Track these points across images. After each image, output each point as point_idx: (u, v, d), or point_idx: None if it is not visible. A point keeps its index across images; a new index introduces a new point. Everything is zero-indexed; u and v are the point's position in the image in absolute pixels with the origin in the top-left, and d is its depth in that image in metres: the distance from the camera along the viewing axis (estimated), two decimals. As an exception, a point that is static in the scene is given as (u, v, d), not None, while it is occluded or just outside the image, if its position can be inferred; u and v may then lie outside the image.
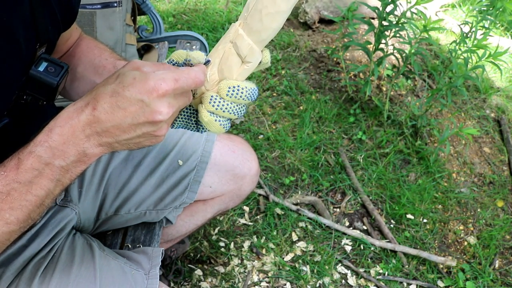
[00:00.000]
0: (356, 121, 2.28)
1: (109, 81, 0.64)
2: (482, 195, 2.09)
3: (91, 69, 0.93)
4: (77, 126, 0.64)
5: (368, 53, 2.16)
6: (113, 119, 0.63)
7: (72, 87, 0.95)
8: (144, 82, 0.61)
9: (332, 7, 2.79)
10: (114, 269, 0.91)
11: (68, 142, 0.64)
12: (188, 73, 0.64)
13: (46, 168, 0.64)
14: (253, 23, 0.69)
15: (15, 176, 0.64)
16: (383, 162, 2.12)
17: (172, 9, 2.88)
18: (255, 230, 1.83)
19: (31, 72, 0.74)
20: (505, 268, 1.84)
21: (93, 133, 0.64)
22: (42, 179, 0.65)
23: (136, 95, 0.61)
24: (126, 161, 1.08)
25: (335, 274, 1.74)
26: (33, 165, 0.64)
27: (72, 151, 0.65)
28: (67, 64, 0.79)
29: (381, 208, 1.98)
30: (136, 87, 0.61)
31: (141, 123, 0.63)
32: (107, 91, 0.63)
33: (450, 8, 3.22)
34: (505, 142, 2.32)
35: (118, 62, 0.92)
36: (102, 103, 0.63)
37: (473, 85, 2.57)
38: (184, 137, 1.14)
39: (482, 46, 1.87)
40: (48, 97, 0.78)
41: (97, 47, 0.97)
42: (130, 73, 0.63)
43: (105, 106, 0.62)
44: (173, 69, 0.65)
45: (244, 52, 0.70)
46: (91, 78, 0.92)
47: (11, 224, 0.65)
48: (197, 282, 1.66)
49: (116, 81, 0.63)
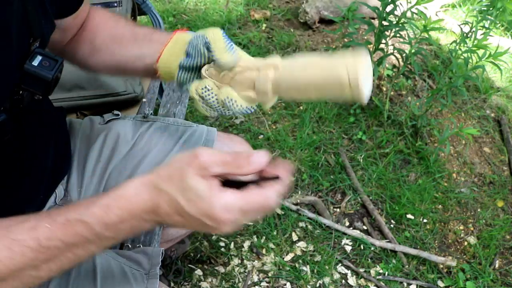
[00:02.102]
0: (356, 121, 2.28)
1: (173, 175, 0.60)
2: (482, 195, 2.09)
3: (109, 39, 0.94)
4: (137, 212, 0.61)
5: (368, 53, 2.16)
6: (174, 220, 0.61)
7: (92, 59, 0.96)
8: (209, 209, 0.58)
9: (332, 7, 2.79)
10: (114, 269, 0.91)
11: (125, 221, 0.62)
12: (259, 204, 0.59)
13: (96, 237, 0.62)
14: (283, 85, 0.71)
15: (62, 236, 0.61)
16: (383, 162, 2.12)
17: (172, 9, 2.88)
18: (255, 230, 1.83)
19: (25, 67, 0.74)
20: (505, 268, 1.84)
21: (152, 220, 0.62)
22: (88, 245, 0.63)
23: (198, 215, 0.59)
24: (126, 160, 1.08)
25: (335, 274, 1.74)
26: (83, 233, 0.62)
27: (127, 228, 0.63)
28: (61, 58, 0.79)
29: (381, 208, 1.98)
30: (200, 208, 0.58)
31: (201, 229, 0.63)
32: (169, 194, 0.60)
33: (450, 8, 3.22)
34: (505, 142, 2.32)
35: (136, 29, 0.93)
36: (163, 203, 0.60)
37: (473, 85, 2.57)
38: (184, 137, 1.13)
39: (482, 46, 1.87)
40: (44, 92, 0.78)
41: (111, 18, 0.98)
42: (195, 186, 0.58)
43: (166, 210, 0.61)
44: (244, 196, 0.59)
45: (260, 88, 0.73)
46: (110, 47, 0.93)
47: (42, 272, 0.64)
48: (197, 282, 1.66)
49: (180, 183, 0.59)
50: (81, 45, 0.96)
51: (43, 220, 0.62)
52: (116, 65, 0.95)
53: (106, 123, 1.15)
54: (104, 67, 0.97)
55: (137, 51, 0.91)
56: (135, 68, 0.93)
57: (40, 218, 0.63)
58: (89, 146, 1.09)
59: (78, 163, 1.07)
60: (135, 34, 0.92)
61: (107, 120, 1.15)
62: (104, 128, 1.12)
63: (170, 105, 1.55)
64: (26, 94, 0.77)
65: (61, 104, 1.36)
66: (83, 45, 0.96)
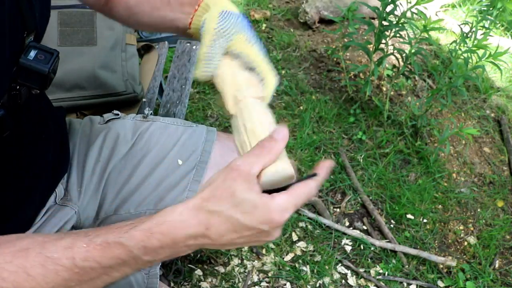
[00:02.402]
0: (356, 121, 2.28)
1: (220, 195, 0.59)
2: (482, 195, 2.09)
3: (143, 2, 0.93)
4: (181, 238, 0.60)
5: (368, 53, 2.16)
6: (225, 240, 0.60)
7: (131, 21, 0.97)
8: (267, 215, 0.58)
9: (332, 7, 2.80)
10: (114, 268, 0.90)
11: (165, 248, 0.61)
12: (306, 194, 0.61)
13: (133, 260, 0.61)
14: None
15: (98, 257, 0.60)
16: (383, 162, 2.12)
17: (172, 9, 2.88)
18: (255, 230, 1.83)
19: (21, 61, 0.74)
20: (505, 268, 1.84)
21: (196, 245, 0.61)
22: (124, 267, 0.62)
23: (256, 224, 0.58)
24: (126, 160, 1.08)
25: (335, 274, 1.74)
26: (121, 255, 0.60)
27: (166, 253, 0.61)
28: (57, 51, 0.79)
29: (381, 208, 1.98)
30: (258, 217, 0.58)
31: (253, 241, 0.62)
32: (223, 213, 0.58)
33: (450, 8, 3.22)
34: (505, 142, 2.32)
35: None
36: (217, 226, 0.59)
37: (473, 85, 2.57)
38: (184, 136, 1.13)
39: (482, 46, 1.87)
40: (41, 85, 0.78)
41: None
42: (249, 198, 0.58)
43: (219, 230, 0.59)
44: (292, 192, 0.60)
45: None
46: (146, 11, 0.93)
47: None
48: (197, 282, 1.66)
49: (231, 200, 0.59)
50: (118, 8, 0.96)
51: (80, 240, 0.61)
52: (155, 25, 0.96)
53: (106, 122, 1.15)
54: (144, 27, 1.11)
55: (171, 14, 0.90)
56: (173, 29, 0.93)
57: (76, 237, 0.62)
58: (89, 145, 1.09)
59: (78, 163, 1.07)
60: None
61: (107, 120, 1.15)
62: (104, 128, 1.12)
63: (170, 105, 1.55)
64: (23, 89, 0.77)
65: (61, 104, 1.36)
66: (119, 7, 0.96)
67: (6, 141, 0.77)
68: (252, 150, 0.61)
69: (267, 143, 0.61)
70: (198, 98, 2.30)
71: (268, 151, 0.60)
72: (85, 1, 1.00)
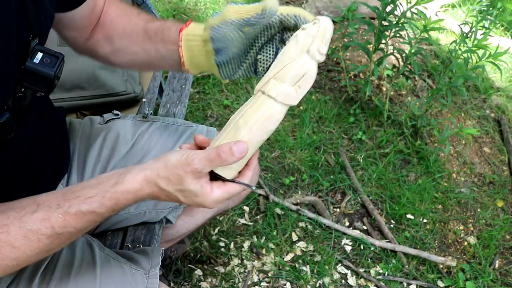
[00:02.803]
0: (356, 121, 2.28)
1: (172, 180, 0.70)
2: (482, 195, 2.09)
3: (125, 38, 0.93)
4: (140, 199, 0.73)
5: (368, 53, 2.16)
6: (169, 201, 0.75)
7: (115, 57, 0.96)
8: (203, 203, 0.72)
9: (332, 7, 2.80)
10: (114, 268, 0.91)
11: (129, 202, 0.72)
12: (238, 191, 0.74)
13: (103, 218, 0.73)
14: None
15: (75, 223, 0.71)
16: (383, 162, 2.12)
17: (172, 9, 2.88)
18: (255, 230, 1.83)
19: (27, 64, 0.74)
20: (505, 268, 1.84)
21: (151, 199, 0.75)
22: (95, 224, 0.73)
23: (193, 204, 0.74)
24: (126, 160, 1.08)
25: (335, 274, 1.74)
26: (94, 219, 0.72)
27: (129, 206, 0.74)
28: (62, 54, 0.78)
29: (381, 208, 1.98)
30: (195, 202, 0.72)
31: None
32: (169, 193, 0.72)
33: (450, 8, 3.22)
34: (505, 142, 2.32)
35: (148, 26, 0.91)
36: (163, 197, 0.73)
37: (473, 85, 2.57)
38: (184, 136, 1.14)
39: (482, 46, 1.87)
40: (46, 89, 0.78)
41: (125, 13, 0.96)
42: (193, 189, 0.70)
43: (165, 199, 0.73)
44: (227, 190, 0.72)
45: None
46: (129, 47, 0.93)
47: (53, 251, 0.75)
48: (197, 282, 1.66)
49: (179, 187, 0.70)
50: (101, 44, 0.96)
51: (54, 211, 0.70)
52: (140, 64, 0.96)
53: (106, 122, 1.15)
54: (130, 66, 1.00)
55: (155, 51, 0.90)
56: (163, 66, 0.94)
57: (49, 209, 0.70)
58: (89, 145, 1.09)
59: (78, 163, 1.07)
60: (147, 32, 0.91)
61: (107, 120, 1.15)
62: (104, 128, 1.12)
63: (170, 105, 1.55)
64: (28, 92, 0.77)
65: (61, 104, 1.36)
66: (103, 44, 0.95)
67: (10, 142, 0.78)
68: (211, 152, 0.68)
69: (224, 154, 0.68)
70: (198, 98, 2.30)
71: (221, 161, 0.68)
72: (67, 39, 0.97)
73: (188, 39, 0.84)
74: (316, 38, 0.70)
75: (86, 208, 0.70)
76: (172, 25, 0.88)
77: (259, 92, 0.72)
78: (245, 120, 0.71)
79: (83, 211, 0.70)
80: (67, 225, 0.70)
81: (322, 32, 0.70)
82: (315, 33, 0.70)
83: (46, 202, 0.71)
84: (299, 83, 0.71)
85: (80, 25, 0.93)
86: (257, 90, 0.72)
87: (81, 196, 0.71)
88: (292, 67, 0.70)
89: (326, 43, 0.71)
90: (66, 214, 0.70)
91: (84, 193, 0.71)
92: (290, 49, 0.71)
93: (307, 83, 0.72)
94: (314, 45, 0.70)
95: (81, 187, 0.72)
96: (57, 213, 0.70)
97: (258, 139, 0.72)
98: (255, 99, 0.72)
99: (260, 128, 0.71)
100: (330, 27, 0.70)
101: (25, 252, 0.69)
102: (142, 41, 0.91)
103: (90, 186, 0.72)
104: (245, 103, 0.74)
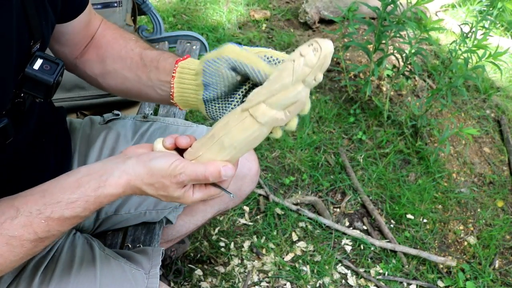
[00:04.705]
0: (356, 121, 2.28)
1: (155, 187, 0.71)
2: (482, 195, 2.09)
3: (119, 61, 0.92)
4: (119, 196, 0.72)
5: (368, 53, 2.16)
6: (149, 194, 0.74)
7: (104, 80, 0.94)
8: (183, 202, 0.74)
9: (332, 7, 2.80)
10: (115, 268, 0.91)
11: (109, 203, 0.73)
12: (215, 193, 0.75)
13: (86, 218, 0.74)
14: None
15: (58, 227, 0.71)
16: (383, 162, 2.12)
17: (172, 9, 2.88)
18: (255, 230, 1.84)
19: (26, 70, 0.74)
20: (505, 268, 1.84)
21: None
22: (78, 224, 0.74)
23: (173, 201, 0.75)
24: (126, 160, 1.08)
25: (335, 274, 1.74)
26: (78, 221, 0.72)
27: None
28: (62, 61, 0.78)
29: (381, 208, 1.98)
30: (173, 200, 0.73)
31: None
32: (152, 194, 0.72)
33: (450, 8, 3.22)
34: (505, 142, 2.32)
35: (144, 53, 0.90)
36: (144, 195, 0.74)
37: (473, 85, 2.57)
38: (184, 137, 1.13)
39: (482, 46, 1.87)
40: (45, 95, 0.77)
41: (122, 37, 0.95)
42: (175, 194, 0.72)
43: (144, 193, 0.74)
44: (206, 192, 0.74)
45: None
46: (121, 71, 0.91)
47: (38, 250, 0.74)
48: (197, 282, 1.66)
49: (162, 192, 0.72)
50: (92, 63, 0.94)
51: (36, 217, 0.69)
52: (127, 91, 0.94)
53: (106, 123, 1.15)
54: (117, 91, 0.96)
55: (146, 79, 0.89)
56: (150, 97, 0.91)
57: (30, 215, 0.69)
58: (89, 146, 1.09)
59: (79, 163, 1.07)
60: (143, 59, 0.89)
61: (107, 120, 1.15)
62: (104, 128, 1.12)
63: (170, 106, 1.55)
64: (27, 97, 0.77)
65: (61, 104, 1.36)
66: (94, 63, 0.94)
67: (9, 146, 0.78)
68: (199, 173, 0.69)
69: (212, 177, 0.70)
70: (198, 98, 2.30)
71: (206, 181, 0.70)
72: (57, 54, 0.95)
73: (182, 71, 0.83)
74: (315, 69, 0.64)
75: (69, 214, 0.70)
76: (170, 56, 0.88)
77: (247, 113, 0.68)
78: (231, 139, 0.70)
79: (66, 216, 0.70)
80: (50, 230, 0.70)
81: (322, 62, 0.64)
82: (314, 63, 0.64)
83: (25, 207, 0.69)
84: (290, 108, 0.68)
85: (71, 41, 0.93)
86: (244, 109, 0.69)
87: (62, 201, 0.69)
88: (286, 96, 0.66)
89: (324, 70, 0.66)
90: (48, 220, 0.69)
91: (65, 197, 0.69)
92: (284, 77, 0.65)
93: (298, 109, 0.69)
94: (311, 75, 0.65)
95: (60, 189, 0.71)
96: (39, 219, 0.69)
97: (241, 154, 0.73)
98: (242, 118, 0.69)
99: (246, 147, 0.71)
100: (331, 54, 0.65)
101: (8, 258, 0.69)
102: (135, 67, 0.89)
103: (71, 188, 0.70)
104: (230, 118, 0.70)
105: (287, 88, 0.66)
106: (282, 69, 0.66)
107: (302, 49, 0.65)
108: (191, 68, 0.82)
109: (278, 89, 0.66)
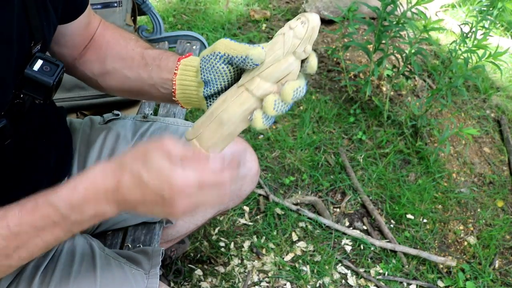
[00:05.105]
0: (356, 121, 2.28)
1: (137, 155, 0.65)
2: (482, 195, 2.09)
3: (119, 61, 0.92)
4: (101, 190, 0.65)
5: (368, 53, 2.16)
6: (134, 196, 0.64)
7: (104, 80, 0.94)
8: (169, 182, 0.62)
9: (332, 7, 2.79)
10: (114, 268, 0.91)
11: (89, 202, 0.65)
12: (215, 176, 0.65)
13: (62, 220, 0.66)
14: None
15: (30, 220, 0.65)
16: (383, 162, 2.12)
17: (172, 9, 2.88)
18: (255, 230, 1.84)
19: (26, 71, 0.74)
20: (505, 268, 1.84)
21: (114, 200, 0.65)
22: (55, 228, 0.66)
23: (157, 190, 0.62)
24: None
25: (335, 274, 1.74)
26: (50, 215, 0.65)
27: (91, 211, 0.66)
28: (62, 62, 0.78)
29: (381, 208, 1.98)
30: (160, 181, 0.62)
31: (158, 208, 0.65)
32: (133, 169, 0.63)
33: (450, 8, 3.21)
34: (505, 142, 2.32)
35: (146, 52, 0.90)
36: (126, 178, 0.64)
37: (473, 85, 2.57)
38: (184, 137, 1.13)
39: (482, 46, 1.87)
40: (45, 97, 0.77)
41: (123, 37, 0.95)
42: (157, 161, 0.62)
43: (128, 183, 0.64)
44: (202, 167, 0.64)
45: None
46: (121, 71, 0.91)
47: (12, 260, 0.67)
48: (197, 282, 1.66)
49: (143, 160, 0.63)
50: (92, 64, 0.94)
51: (12, 209, 0.66)
52: (128, 90, 0.93)
53: (106, 123, 1.15)
54: (118, 91, 0.96)
55: (147, 78, 0.88)
56: (151, 95, 0.91)
57: (8, 208, 0.66)
58: (89, 146, 1.09)
59: (79, 163, 1.07)
60: (144, 58, 0.89)
61: (107, 120, 1.15)
62: (104, 128, 1.12)
63: (170, 105, 1.55)
64: (27, 99, 0.77)
65: (61, 104, 1.36)
66: (94, 63, 0.94)
67: (8, 147, 0.77)
68: (188, 148, 0.65)
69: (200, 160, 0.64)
70: (198, 98, 2.30)
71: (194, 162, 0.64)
72: (56, 55, 0.95)
73: (184, 68, 0.84)
74: (304, 40, 0.70)
75: (41, 200, 0.66)
76: (171, 55, 0.88)
77: (243, 87, 0.73)
78: (229, 115, 0.72)
79: (38, 203, 0.66)
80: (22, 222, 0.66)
81: (310, 33, 0.70)
82: (303, 35, 0.69)
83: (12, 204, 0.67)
84: (283, 81, 0.72)
85: (71, 42, 0.92)
86: (240, 85, 0.73)
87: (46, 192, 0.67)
88: (279, 68, 0.71)
89: (312, 42, 0.71)
90: (22, 210, 0.66)
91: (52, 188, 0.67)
92: (276, 50, 0.71)
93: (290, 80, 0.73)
94: (301, 47, 0.70)
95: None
96: (14, 210, 0.66)
97: (240, 129, 0.75)
98: (238, 94, 0.73)
99: (243, 121, 0.74)
100: (318, 26, 0.70)
101: None
102: (137, 66, 0.89)
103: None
104: (228, 94, 0.74)
105: (279, 60, 0.71)
106: (274, 43, 0.72)
107: (291, 23, 0.71)
108: (192, 66, 0.83)
109: (271, 62, 0.71)
